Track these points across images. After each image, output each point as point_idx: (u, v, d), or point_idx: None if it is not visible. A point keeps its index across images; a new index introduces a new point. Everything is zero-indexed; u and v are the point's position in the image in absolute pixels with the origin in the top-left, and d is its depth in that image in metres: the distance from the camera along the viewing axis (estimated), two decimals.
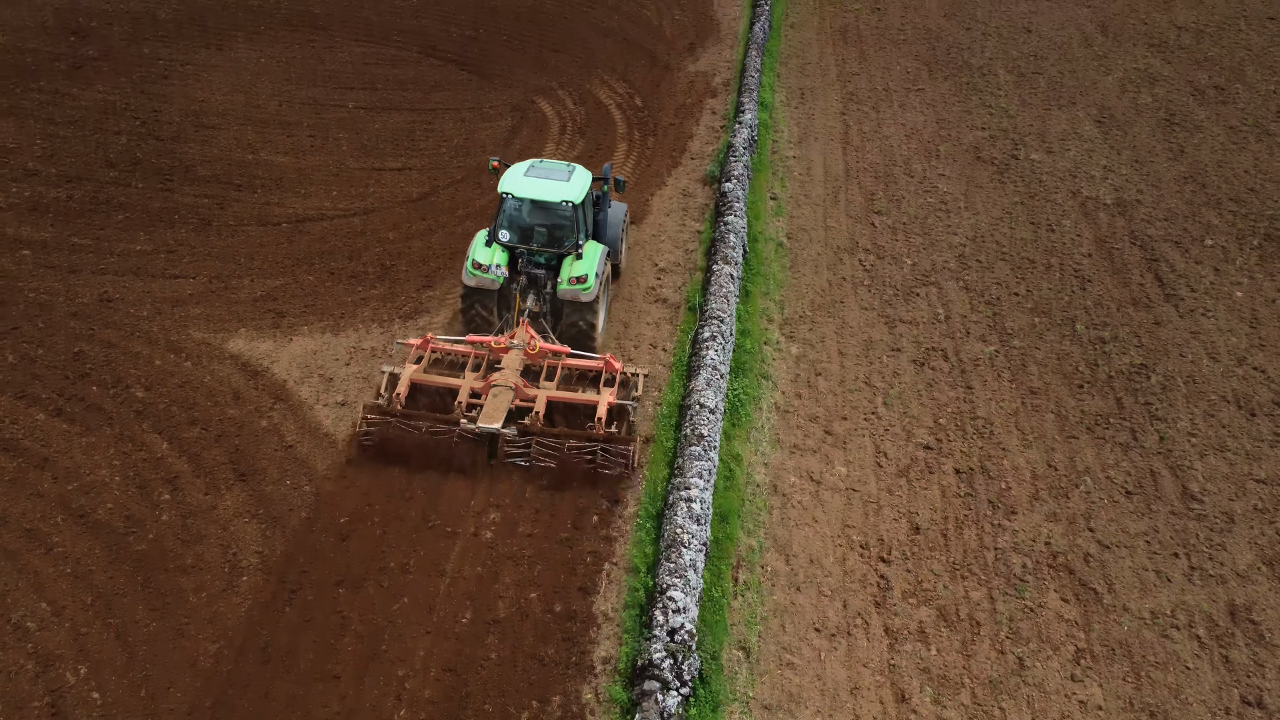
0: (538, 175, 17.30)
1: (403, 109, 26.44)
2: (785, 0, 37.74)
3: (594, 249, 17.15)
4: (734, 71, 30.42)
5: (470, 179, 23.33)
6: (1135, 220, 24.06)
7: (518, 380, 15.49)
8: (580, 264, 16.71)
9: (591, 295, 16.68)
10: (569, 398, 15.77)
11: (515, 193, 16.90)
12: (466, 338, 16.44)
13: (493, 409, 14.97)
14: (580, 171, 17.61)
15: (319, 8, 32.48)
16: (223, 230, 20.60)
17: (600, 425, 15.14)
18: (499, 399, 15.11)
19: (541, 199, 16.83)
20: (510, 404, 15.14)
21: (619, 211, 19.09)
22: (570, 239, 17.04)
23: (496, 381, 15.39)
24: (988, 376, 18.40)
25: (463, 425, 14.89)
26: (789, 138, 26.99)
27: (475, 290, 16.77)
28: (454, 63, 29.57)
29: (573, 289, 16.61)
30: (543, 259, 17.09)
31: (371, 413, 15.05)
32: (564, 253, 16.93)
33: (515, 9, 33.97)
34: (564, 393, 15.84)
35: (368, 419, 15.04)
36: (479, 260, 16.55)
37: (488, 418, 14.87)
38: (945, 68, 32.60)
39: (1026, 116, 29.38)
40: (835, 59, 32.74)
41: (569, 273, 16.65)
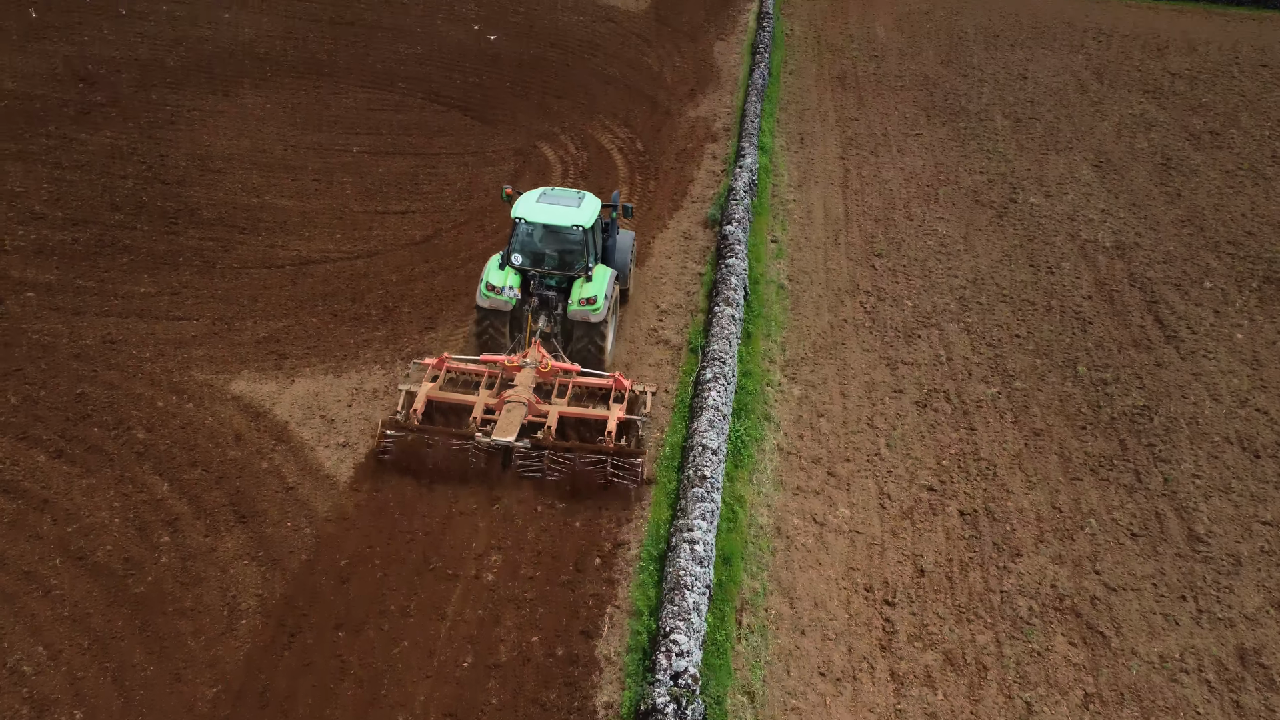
0: (549, 201, 17.93)
1: (406, 153, 26.66)
2: (784, 48, 38.25)
3: (603, 272, 17.69)
4: (734, 117, 30.72)
5: (473, 222, 23.46)
6: (1134, 263, 24.15)
7: (530, 397, 15.97)
8: (590, 286, 17.26)
9: (601, 316, 17.17)
10: (580, 413, 16.22)
11: (528, 218, 17.51)
12: (481, 357, 16.93)
13: (507, 423, 15.48)
14: (590, 198, 18.25)
15: (324, 55, 32.89)
16: (226, 272, 20.67)
17: (610, 439, 15.56)
18: (513, 413, 15.62)
19: (553, 224, 17.47)
20: (523, 418, 15.63)
21: (627, 239, 19.76)
22: (580, 262, 17.57)
23: (510, 398, 15.87)
24: (990, 418, 18.34)
25: (478, 438, 15.34)
26: (789, 181, 27.18)
27: (489, 311, 17.27)
28: (457, 108, 29.88)
29: (583, 310, 17.10)
30: (554, 282, 17.65)
31: (389, 428, 15.50)
32: (574, 275, 17.47)
33: (518, 57, 34.40)
34: (575, 409, 16.30)
35: (385, 434, 15.49)
36: (493, 282, 17.09)
37: (502, 430, 15.37)
38: (943, 113, 32.93)
39: (1024, 161, 29.62)
40: (834, 104, 33.08)
41: (579, 294, 17.17)
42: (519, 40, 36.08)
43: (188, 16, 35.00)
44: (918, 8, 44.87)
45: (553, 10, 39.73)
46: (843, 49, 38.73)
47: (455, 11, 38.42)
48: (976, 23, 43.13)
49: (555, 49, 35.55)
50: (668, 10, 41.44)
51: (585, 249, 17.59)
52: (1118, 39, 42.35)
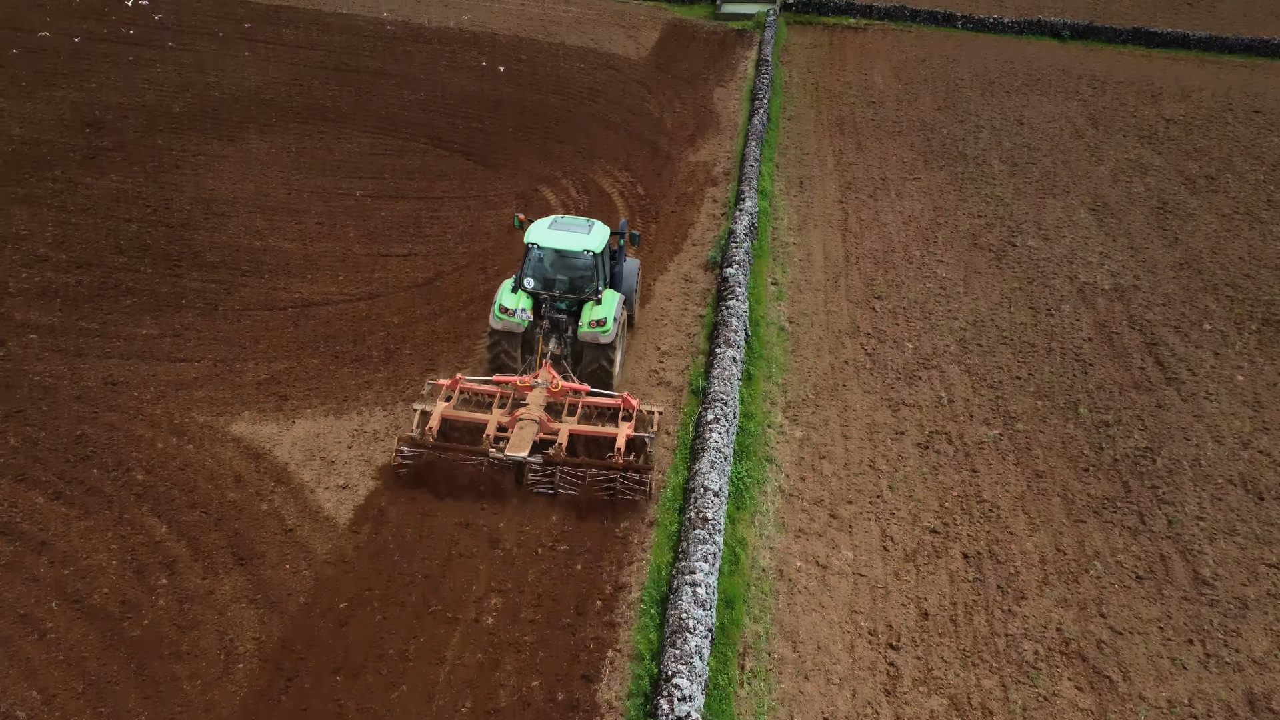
0: (560, 228, 18.66)
1: (409, 197, 26.85)
2: (782, 94, 38.68)
3: (612, 296, 18.37)
4: (734, 161, 30.98)
5: (475, 264, 23.55)
6: (1133, 305, 24.20)
7: (542, 415, 16.42)
8: (599, 309, 17.90)
9: (610, 337, 17.77)
10: (590, 431, 16.68)
11: (540, 243, 18.21)
12: (493, 377, 17.38)
13: (519, 439, 15.93)
14: (599, 226, 18.92)
15: (329, 101, 33.25)
16: (229, 315, 20.71)
17: (619, 455, 16.02)
18: (525, 430, 16.07)
19: (564, 249, 18.12)
20: (536, 435, 16.08)
21: (633, 266, 20.42)
22: (590, 286, 18.21)
23: (522, 416, 16.33)
24: (992, 460, 18.26)
25: (491, 454, 15.78)
26: (789, 224, 27.34)
27: (501, 333, 17.82)
28: (460, 153, 30.15)
29: (592, 331, 17.70)
30: (564, 305, 18.21)
31: (406, 444, 15.93)
32: (584, 299, 18.09)
33: (520, 103, 34.77)
34: (585, 427, 16.74)
35: (402, 451, 15.93)
36: (505, 305, 17.69)
37: (515, 447, 15.81)
38: (940, 158, 33.22)
39: (1022, 205, 29.81)
40: (833, 149, 33.38)
41: (589, 316, 17.80)
42: (521, 87, 36.51)
43: (195, 64, 35.45)
44: (914, 56, 45.46)
45: (554, 58, 40.26)
46: (841, 95, 39.18)
47: (458, 60, 38.91)
48: (973, 70, 43.67)
49: (557, 95, 35.96)
50: (668, 58, 42.00)
51: (594, 273, 18.19)
52: (1112, 86, 42.84)
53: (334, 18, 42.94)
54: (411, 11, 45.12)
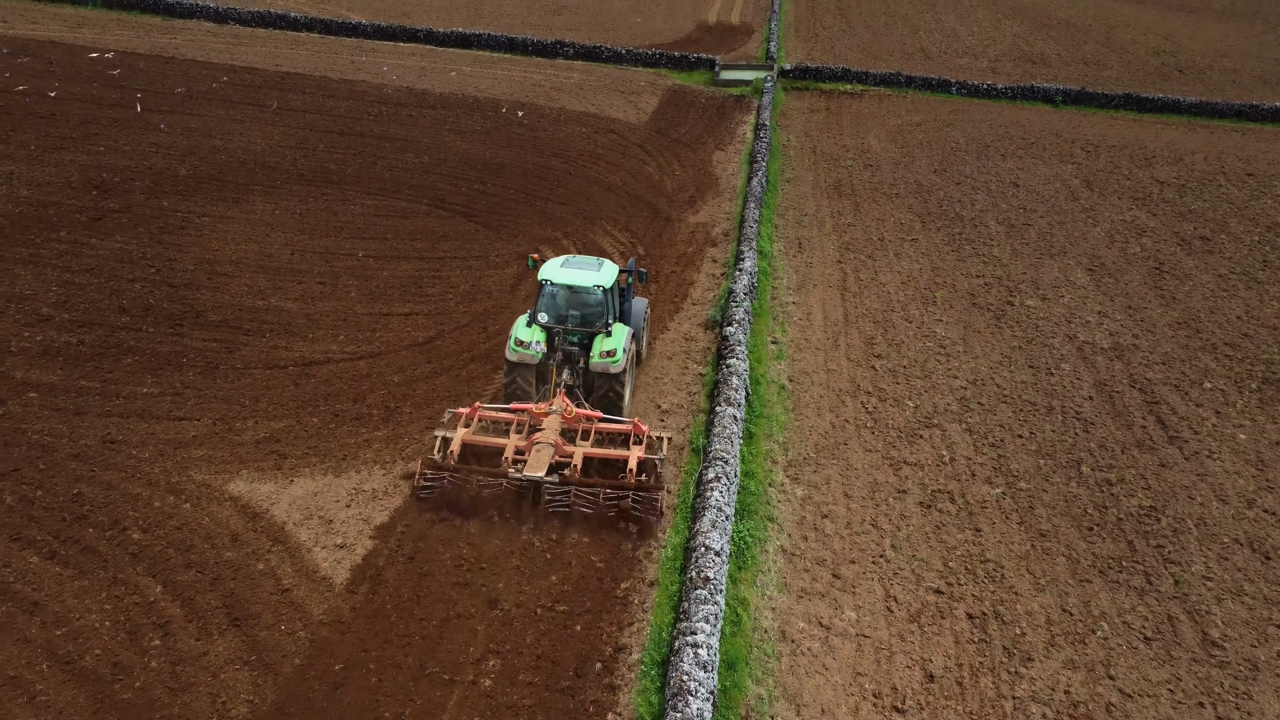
0: (572, 266, 19.68)
1: (411, 258, 27.03)
2: (781, 158, 39.19)
3: (621, 329, 19.31)
4: (733, 223, 31.26)
5: (476, 324, 23.61)
6: (1133, 364, 24.21)
7: (557, 439, 17.24)
8: (609, 340, 18.86)
9: (620, 367, 18.65)
10: (603, 453, 17.52)
11: (553, 279, 19.17)
12: (510, 405, 18.27)
13: (537, 460, 16.68)
14: (608, 264, 19.90)
15: (334, 165, 33.67)
16: (229, 373, 20.71)
17: (631, 475, 16.90)
18: (542, 453, 16.81)
19: (576, 284, 19.08)
20: (551, 458, 16.81)
21: (641, 304, 21.48)
22: (601, 319, 19.14)
23: (539, 440, 17.11)
24: (996, 519, 18.10)
25: (510, 475, 16.60)
26: (788, 285, 27.48)
27: (516, 365, 18.68)
28: (462, 215, 30.43)
29: (603, 361, 18.61)
30: (576, 339, 19.12)
31: (429, 467, 16.87)
32: (595, 331, 18.99)
33: (522, 167, 35.21)
34: (599, 450, 17.59)
35: (424, 474, 16.81)
36: (520, 338, 18.61)
37: (532, 467, 16.57)
38: (938, 219, 33.52)
39: (1019, 265, 30.00)
40: (831, 211, 33.70)
41: (600, 347, 18.73)
42: (523, 150, 37.00)
43: (201, 128, 35.97)
44: (910, 121, 46.16)
45: (556, 123, 40.87)
46: (838, 159, 39.69)
47: (461, 125, 39.50)
48: (968, 135, 44.30)
49: (558, 159, 36.42)
50: (667, 123, 42.64)
51: (605, 308, 19.08)
52: (1106, 150, 43.42)
53: (340, 84, 43.69)
54: (415, 78, 45.90)
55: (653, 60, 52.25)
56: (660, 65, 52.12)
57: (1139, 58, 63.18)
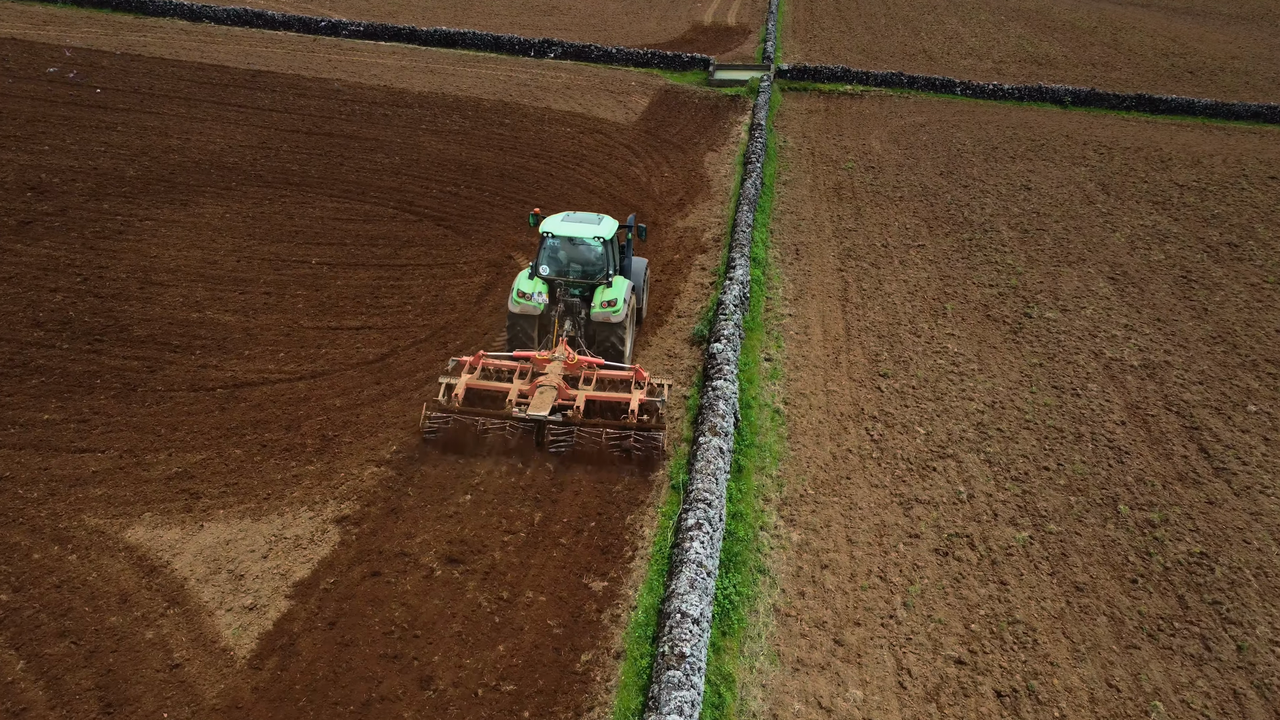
0: (573, 220, 19.64)
1: (370, 265, 24.39)
2: (777, 160, 36.59)
3: (622, 281, 19.31)
4: (725, 228, 28.64)
5: (435, 339, 20.97)
6: (1167, 384, 21.56)
7: (560, 383, 17.30)
8: (610, 291, 18.90)
9: (620, 317, 18.70)
10: (605, 396, 17.54)
11: (555, 231, 19.16)
12: (514, 353, 18.34)
13: (540, 401, 16.81)
14: (608, 219, 19.82)
15: (296, 166, 31.06)
16: (148, 397, 18.05)
17: (634, 416, 16.93)
18: (545, 395, 16.93)
19: (576, 236, 19.09)
20: (555, 400, 16.94)
21: (641, 263, 21.39)
22: (601, 271, 19.11)
23: (541, 383, 17.17)
24: (1023, 569, 15.43)
25: (513, 414, 16.72)
26: (784, 295, 24.83)
27: (519, 316, 18.76)
28: (430, 219, 27.81)
29: (604, 312, 18.67)
30: (577, 291, 19.08)
31: (434, 409, 16.81)
32: (596, 283, 18.96)
33: (499, 168, 32.60)
34: (601, 393, 17.59)
35: (430, 416, 16.79)
36: (523, 290, 18.69)
37: (536, 408, 16.71)
38: (945, 224, 30.90)
39: (1035, 274, 27.37)
40: (830, 215, 31.08)
41: (601, 298, 18.77)
42: (502, 151, 34.39)
43: (158, 127, 33.35)
44: (913, 122, 43.59)
45: (539, 123, 38.26)
46: (838, 161, 37.08)
47: (438, 125, 36.88)
48: (973, 136, 41.72)
49: (539, 160, 33.80)
50: (658, 123, 40.03)
51: (605, 259, 19.07)
52: (1120, 152, 40.84)
53: (313, 83, 41.10)
54: (395, 77, 43.33)
55: (645, 60, 49.69)
56: (652, 65, 49.56)
57: (1147, 59, 60.66)
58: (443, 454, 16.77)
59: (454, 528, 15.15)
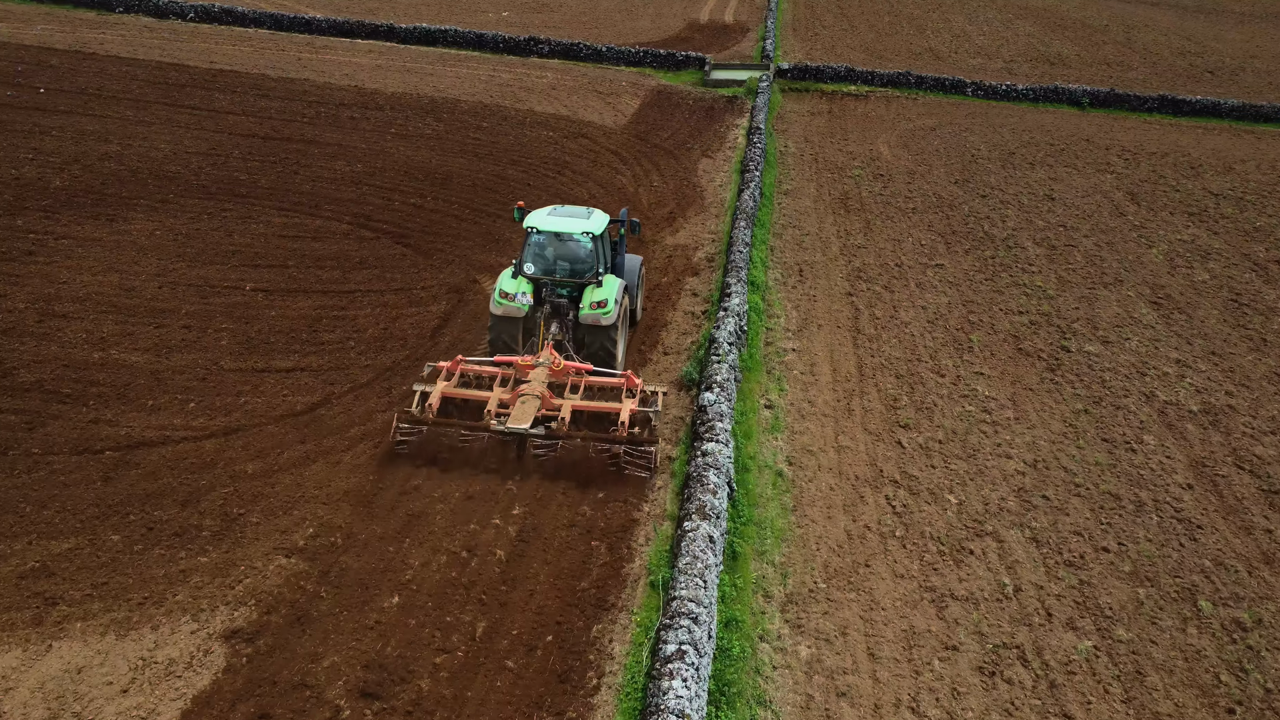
0: (559, 215, 18.23)
1: (313, 291, 21.10)
2: (777, 166, 33.30)
3: (613, 280, 17.81)
4: (719, 245, 25.36)
5: (378, 382, 17.72)
6: (1234, 434, 18.29)
7: (544, 391, 15.82)
8: (600, 290, 17.39)
9: (611, 318, 17.25)
10: (593, 406, 16.01)
11: (540, 226, 17.75)
12: (495, 358, 16.85)
13: (521, 412, 15.38)
14: (598, 213, 18.49)
15: (245, 175, 27.76)
16: (19, 463, 14.76)
17: (624, 429, 15.39)
18: (527, 405, 15.50)
19: (563, 231, 17.66)
20: (538, 411, 15.46)
21: (634, 260, 19.91)
22: (590, 269, 17.68)
23: (523, 391, 15.73)
24: (1090, 693, 12.16)
25: (493, 426, 15.24)
26: (786, 325, 21.55)
27: (501, 319, 17.39)
28: (390, 235, 24.51)
29: (594, 313, 17.20)
30: (565, 291, 17.63)
31: (406, 421, 15.26)
32: (585, 282, 17.50)
33: (472, 177, 29.29)
34: (588, 402, 16.09)
35: (402, 428, 15.22)
36: (505, 290, 17.29)
37: (517, 419, 15.24)
38: (964, 240, 27.62)
39: (1069, 298, 24.08)
40: (837, 230, 27.79)
41: (590, 298, 17.27)
42: (477, 158, 31.06)
43: (98, 132, 30.04)
44: (923, 125, 40.29)
45: (519, 126, 34.93)
46: (844, 168, 33.77)
47: (409, 128, 33.57)
48: (988, 141, 38.41)
49: (516, 168, 30.49)
50: (648, 126, 36.69)
51: (595, 257, 17.70)
52: (1145, 157, 37.55)
53: (278, 83, 37.78)
54: (367, 77, 40.01)
55: (636, 59, 46.36)
56: (645, 64, 46.23)
57: (1164, 59, 57.34)
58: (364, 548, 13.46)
59: (374, 644, 11.87)
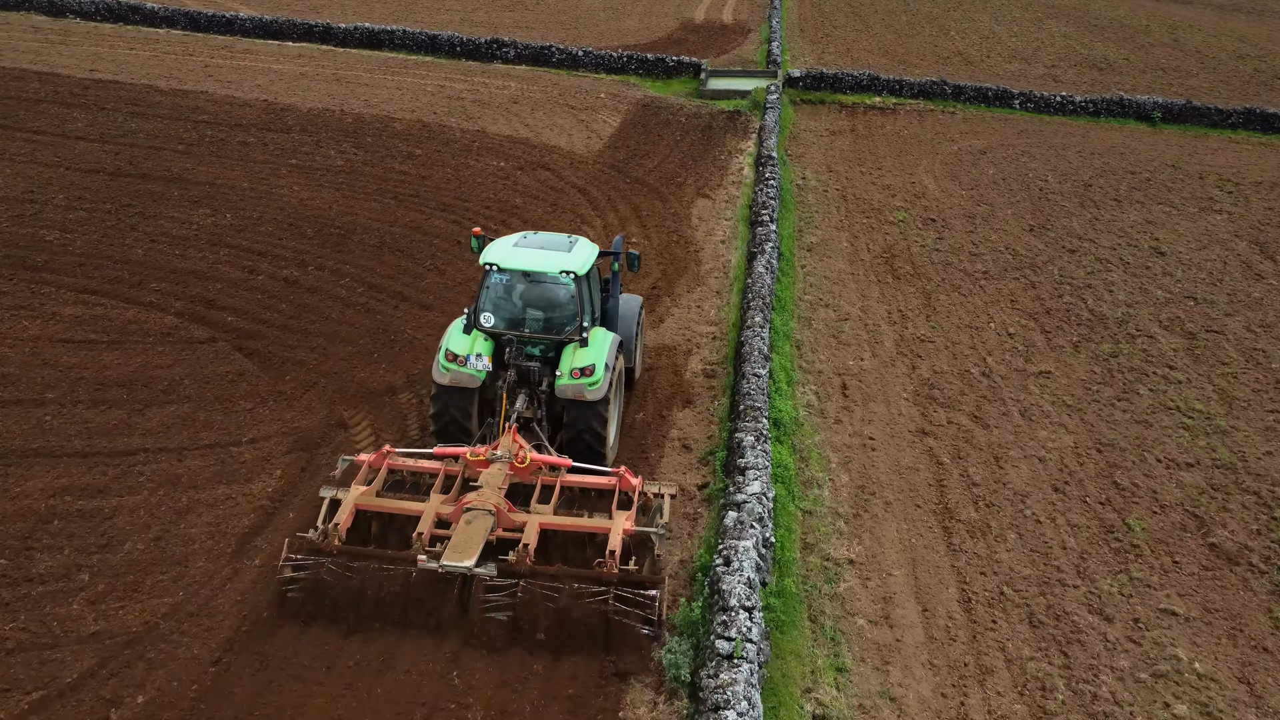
0: (530, 245, 13.18)
1: (65, 454, 12.47)
2: (796, 208, 24.69)
3: (603, 336, 12.84)
4: (724, 347, 16.76)
5: (92, 683, 9.14)
6: None
7: (501, 502, 10.83)
8: (586, 352, 12.41)
9: (600, 391, 12.19)
10: (571, 524, 10.96)
11: (501, 264, 12.67)
12: (434, 449, 11.82)
13: (464, 540, 10.25)
14: (583, 243, 13.48)
15: (56, 233, 19.11)
16: None
17: (614, 562, 10.22)
18: (473, 526, 10.46)
19: (535, 271, 12.71)
20: (490, 534, 10.47)
21: (633, 304, 14.65)
22: (572, 322, 12.73)
23: (472, 504, 10.71)
24: None
25: (421, 563, 9.99)
26: (834, 504, 12.99)
27: (449, 390, 12.35)
28: (231, 335, 15.92)
29: (576, 384, 12.19)
30: (537, 349, 12.84)
31: (299, 550, 10.17)
32: (563, 340, 12.61)
33: (380, 231, 20.68)
34: (564, 518, 11.00)
35: (291, 559, 10.14)
36: (454, 350, 12.32)
37: (457, 552, 10.09)
38: (1067, 324, 19.06)
39: (1248, 429, 15.54)
40: (887, 311, 19.22)
41: (571, 363, 12.33)
42: (395, 201, 22.44)
43: None
44: (969, 147, 31.65)
45: (463, 154, 26.26)
46: (881, 209, 25.17)
47: (315, 158, 24.88)
48: (1053, 167, 29.80)
49: (447, 215, 21.87)
50: (629, 153, 27.97)
51: (579, 305, 12.71)
52: (1251, 189, 28.97)
53: (165, 96, 29.08)
54: (284, 89, 31.30)
55: (619, 65, 37.65)
56: (629, 71, 37.54)
57: (1224, 63, 48.69)
58: None
59: None
